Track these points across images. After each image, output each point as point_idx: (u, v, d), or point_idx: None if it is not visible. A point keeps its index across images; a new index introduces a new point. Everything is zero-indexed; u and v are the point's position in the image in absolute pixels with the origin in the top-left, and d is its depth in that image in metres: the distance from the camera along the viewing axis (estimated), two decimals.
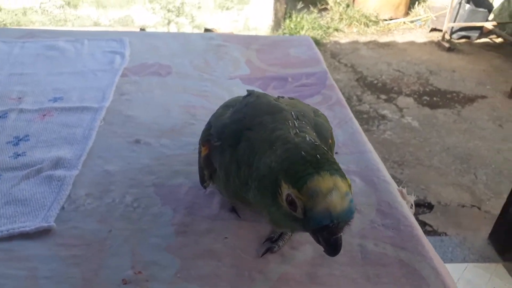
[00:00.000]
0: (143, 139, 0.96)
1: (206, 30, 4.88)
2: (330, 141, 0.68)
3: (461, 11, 5.04)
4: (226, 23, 5.01)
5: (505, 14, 5.42)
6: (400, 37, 5.44)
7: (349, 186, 0.51)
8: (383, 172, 0.88)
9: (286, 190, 0.50)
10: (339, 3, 6.08)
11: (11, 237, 0.69)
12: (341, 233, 0.51)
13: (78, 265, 0.65)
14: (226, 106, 0.77)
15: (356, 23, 5.79)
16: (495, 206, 2.57)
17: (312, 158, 0.50)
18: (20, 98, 1.10)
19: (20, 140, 0.94)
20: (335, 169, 0.50)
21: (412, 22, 5.94)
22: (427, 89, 4.12)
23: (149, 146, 0.95)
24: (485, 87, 4.17)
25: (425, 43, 5.25)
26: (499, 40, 5.33)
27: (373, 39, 5.37)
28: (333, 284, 0.62)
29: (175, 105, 1.12)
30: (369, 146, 0.96)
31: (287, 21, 5.33)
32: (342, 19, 5.86)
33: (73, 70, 1.25)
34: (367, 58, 4.79)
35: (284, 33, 5.17)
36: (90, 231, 0.72)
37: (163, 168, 0.88)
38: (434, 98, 3.97)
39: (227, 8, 5.03)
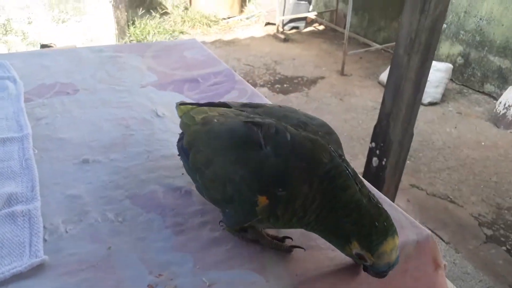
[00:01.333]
0: (90, 158, 0.94)
1: (43, 46, 4.47)
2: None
3: (287, 5, 5.66)
4: (64, 37, 4.66)
5: (321, 4, 6.28)
6: (241, 34, 5.84)
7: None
8: None
9: (357, 249, 0.62)
10: (177, 6, 6.19)
11: (5, 282, 0.63)
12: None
13: (93, 286, 0.64)
14: (241, 147, 0.67)
15: (199, 24, 5.99)
16: (356, 166, 3.06)
17: (382, 228, 0.61)
18: None
19: None
20: (394, 231, 0.62)
21: (247, 18, 6.42)
22: (277, 78, 4.56)
23: (101, 163, 0.93)
24: (321, 69, 4.81)
25: (263, 37, 5.74)
26: (321, 27, 6.17)
27: (218, 38, 5.64)
28: None
29: (103, 120, 1.09)
30: None
31: (132, 28, 5.23)
32: (184, 21, 5.99)
33: None
34: (218, 56, 5.04)
35: (130, 41, 5.06)
36: (89, 253, 0.70)
37: (128, 180, 0.88)
38: (285, 85, 4.42)
39: (63, 21, 4.69)
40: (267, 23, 6.16)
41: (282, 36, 5.62)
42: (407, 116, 2.58)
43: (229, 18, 6.31)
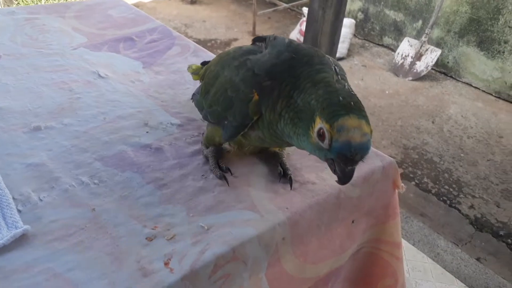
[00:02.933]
0: (42, 125, 0.86)
1: None
2: None
3: None
4: None
5: None
6: None
7: (371, 131, 0.60)
8: None
9: (319, 124, 0.59)
10: None
11: None
12: (355, 167, 0.61)
13: (90, 248, 0.62)
14: (244, 54, 0.75)
15: None
16: None
17: (347, 103, 0.59)
18: None
19: None
20: (363, 115, 0.60)
21: None
22: None
23: (55, 129, 0.86)
24: (233, 31, 4.80)
25: (157, 4, 5.51)
26: None
27: None
28: None
29: (40, 85, 1.00)
30: None
31: None
32: None
33: None
34: None
35: (17, 5, 4.53)
36: (73, 218, 0.67)
37: (91, 143, 0.83)
38: None
39: None
40: None
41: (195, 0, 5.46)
42: None
43: None
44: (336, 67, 0.68)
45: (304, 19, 4.51)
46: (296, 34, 4.50)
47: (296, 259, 0.70)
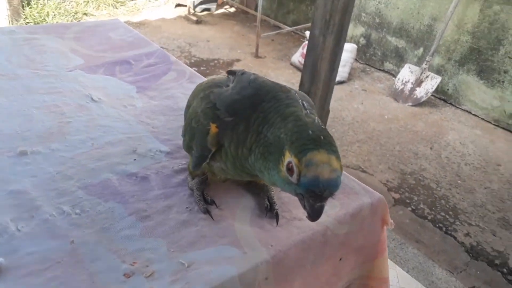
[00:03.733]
0: (29, 149, 0.85)
1: None
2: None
3: None
4: None
5: None
6: (151, 15, 5.61)
7: (341, 167, 0.59)
8: None
9: (288, 158, 0.58)
10: None
11: None
12: (324, 203, 0.59)
13: (65, 284, 0.60)
14: (212, 87, 0.76)
15: (104, 5, 5.65)
16: None
17: (317, 138, 0.58)
18: None
19: None
20: (333, 150, 0.59)
21: (156, 0, 6.18)
22: (193, 60, 4.49)
23: (41, 154, 0.85)
24: (236, 52, 4.84)
25: (175, 19, 5.59)
26: (232, 9, 6.17)
27: (126, 19, 5.37)
28: None
29: (32, 108, 1.00)
30: None
31: (27, 9, 4.74)
32: (87, 2, 5.60)
33: None
34: None
35: (27, 23, 4.60)
36: (50, 250, 0.65)
37: (76, 170, 0.82)
38: (201, 67, 4.37)
39: None
40: (178, 5, 6.00)
41: (194, 18, 5.52)
42: (323, 94, 2.73)
43: None
44: (303, 101, 0.68)
45: (306, 42, 4.55)
46: (298, 57, 4.54)
47: None
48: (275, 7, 5.76)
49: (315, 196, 0.57)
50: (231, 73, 0.80)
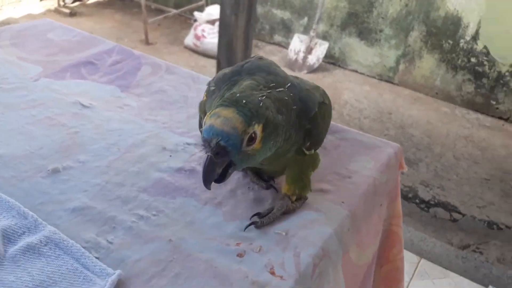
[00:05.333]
0: (59, 166, 0.79)
1: None
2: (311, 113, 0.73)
3: None
4: None
5: None
6: (13, 13, 4.99)
7: (242, 126, 0.58)
8: None
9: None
10: None
11: None
12: (211, 155, 0.59)
13: (192, 277, 0.62)
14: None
15: None
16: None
17: (233, 99, 0.62)
18: None
19: None
20: (242, 111, 0.59)
21: None
22: None
23: (75, 169, 0.80)
24: (124, 41, 4.61)
25: (44, 13, 5.06)
26: None
27: None
28: None
29: (27, 125, 0.91)
30: None
31: None
32: None
33: None
34: None
35: None
36: (155, 253, 0.65)
37: (123, 177, 0.80)
38: None
39: None
40: None
41: (67, 11, 5.06)
42: None
43: None
44: (271, 83, 0.70)
45: (198, 23, 4.54)
46: (192, 39, 4.51)
47: (356, 248, 0.78)
48: None
49: (206, 147, 0.59)
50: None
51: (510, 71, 3.66)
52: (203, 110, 0.78)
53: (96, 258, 0.62)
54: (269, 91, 0.67)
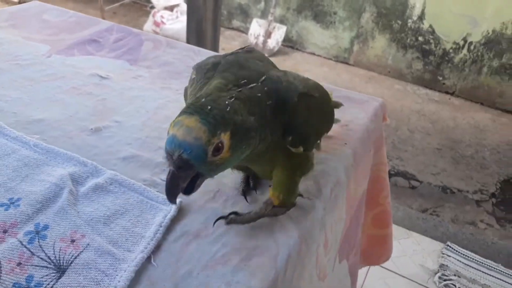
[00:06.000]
0: (100, 125, 0.89)
1: None
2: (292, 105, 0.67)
3: None
4: None
5: None
6: None
7: (207, 136, 0.53)
8: None
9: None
10: None
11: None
12: (173, 170, 0.53)
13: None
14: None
15: None
16: None
17: (197, 105, 0.56)
18: None
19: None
20: (189, 113, 0.54)
21: None
22: None
23: (115, 127, 0.91)
24: None
25: None
26: None
27: None
28: None
29: (57, 94, 0.99)
30: None
31: None
32: None
33: None
34: None
35: None
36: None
37: (159, 132, 0.91)
38: None
39: None
40: None
41: (16, 1, 4.89)
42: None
43: None
44: (234, 85, 0.64)
45: (156, 10, 4.55)
46: (151, 26, 4.51)
47: (354, 182, 0.95)
48: None
49: (168, 160, 0.54)
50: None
51: (453, 48, 3.99)
52: (186, 98, 0.75)
53: (157, 191, 0.75)
54: (239, 89, 0.62)
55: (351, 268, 1.03)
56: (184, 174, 0.54)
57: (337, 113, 1.03)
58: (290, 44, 4.69)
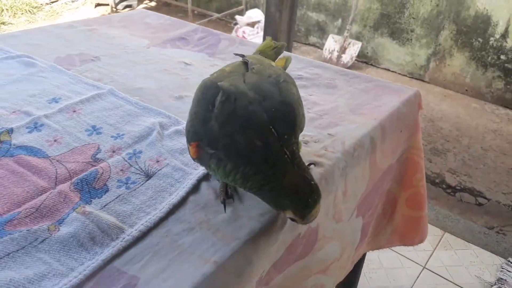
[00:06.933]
0: (182, 94, 1.18)
1: None
2: (295, 111, 0.71)
3: None
4: None
5: None
6: (73, 18, 5.58)
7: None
8: None
9: (290, 215, 0.67)
10: None
11: None
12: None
13: None
14: (201, 101, 0.75)
15: (21, 12, 5.48)
16: None
17: (312, 201, 0.66)
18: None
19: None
20: (319, 199, 0.67)
21: (73, 1, 6.11)
22: None
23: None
24: None
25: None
26: (153, 3, 6.33)
27: (49, 24, 5.29)
28: None
29: (153, 72, 1.30)
30: None
31: None
32: (3, 10, 5.39)
33: None
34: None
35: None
36: None
37: None
38: None
39: None
40: (98, 4, 6.00)
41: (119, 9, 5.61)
42: None
43: (52, 2, 5.91)
44: (287, 150, 0.67)
45: (238, 26, 4.94)
46: None
47: (380, 153, 1.12)
48: None
49: None
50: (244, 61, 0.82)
51: None
52: (194, 155, 0.73)
53: None
54: None
55: (364, 226, 1.20)
56: None
57: (374, 98, 1.22)
58: (365, 59, 4.82)
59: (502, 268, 2.23)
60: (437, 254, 2.28)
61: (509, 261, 2.27)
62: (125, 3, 5.98)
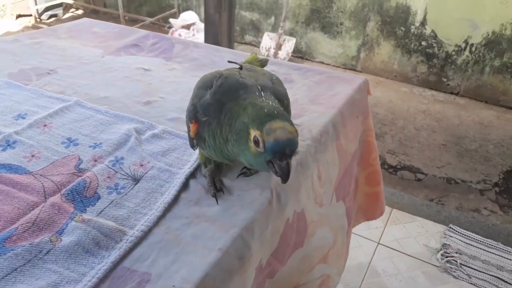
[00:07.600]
0: (150, 99, 1.20)
1: None
2: (285, 101, 0.89)
3: None
4: None
5: None
6: None
7: (296, 131, 0.71)
8: None
9: (253, 133, 0.71)
10: None
11: None
12: (289, 160, 0.71)
13: None
14: (201, 87, 0.87)
15: None
16: None
17: (271, 113, 0.72)
18: None
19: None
20: (286, 119, 0.72)
21: None
22: None
23: (161, 101, 1.20)
24: None
25: (22, 30, 5.30)
26: (80, 11, 6.08)
27: None
28: None
29: (114, 81, 1.31)
30: None
31: None
32: None
33: None
34: None
35: None
36: None
37: None
38: None
39: None
40: (19, 15, 5.66)
41: (44, 27, 5.34)
42: None
43: None
44: (262, 91, 0.81)
45: (174, 29, 4.91)
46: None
47: (344, 138, 1.23)
48: (126, 1, 5.87)
49: (280, 156, 0.70)
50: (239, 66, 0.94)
51: (456, 51, 4.21)
52: (197, 137, 0.84)
53: None
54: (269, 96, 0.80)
55: (347, 210, 1.30)
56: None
57: (329, 89, 1.32)
58: (300, 54, 5.00)
59: (445, 235, 2.46)
60: (388, 230, 2.47)
61: (450, 227, 2.51)
62: (49, 13, 5.70)
